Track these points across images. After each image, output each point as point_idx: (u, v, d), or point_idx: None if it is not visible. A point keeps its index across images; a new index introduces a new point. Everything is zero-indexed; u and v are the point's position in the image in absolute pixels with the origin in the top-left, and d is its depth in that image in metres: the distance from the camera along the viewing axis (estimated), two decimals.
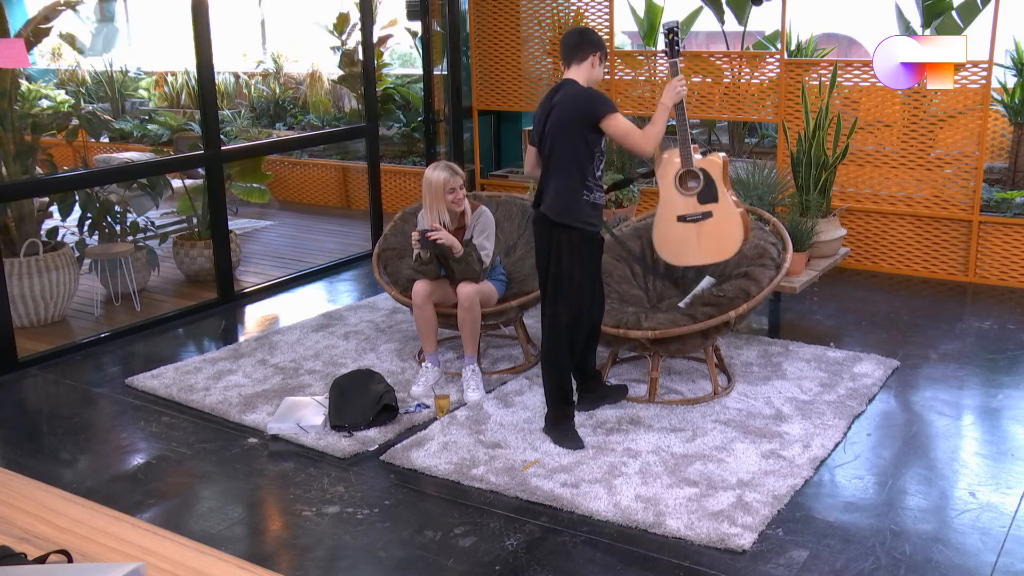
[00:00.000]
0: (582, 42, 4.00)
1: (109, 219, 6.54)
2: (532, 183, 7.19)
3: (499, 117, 8.42)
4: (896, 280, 6.52)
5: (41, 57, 12.31)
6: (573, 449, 4.03)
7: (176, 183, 7.67)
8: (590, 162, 3.92)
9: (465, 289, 4.52)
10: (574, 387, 4.30)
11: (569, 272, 3.99)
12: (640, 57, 7.56)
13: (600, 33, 7.42)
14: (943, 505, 3.62)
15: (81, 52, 11.40)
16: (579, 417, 4.32)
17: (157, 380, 4.91)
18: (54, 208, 6.50)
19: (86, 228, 6.46)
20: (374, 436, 4.20)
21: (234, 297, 6.33)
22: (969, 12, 6.82)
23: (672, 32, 4.05)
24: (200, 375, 4.96)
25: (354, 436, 4.19)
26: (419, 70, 9.08)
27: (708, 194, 3.93)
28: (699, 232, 4.00)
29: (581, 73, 4.00)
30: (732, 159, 7.24)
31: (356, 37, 9.32)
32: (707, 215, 3.99)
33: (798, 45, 7.48)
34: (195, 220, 7.01)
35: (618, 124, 3.84)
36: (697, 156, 4.07)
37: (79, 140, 9.29)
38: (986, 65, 6.07)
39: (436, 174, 4.56)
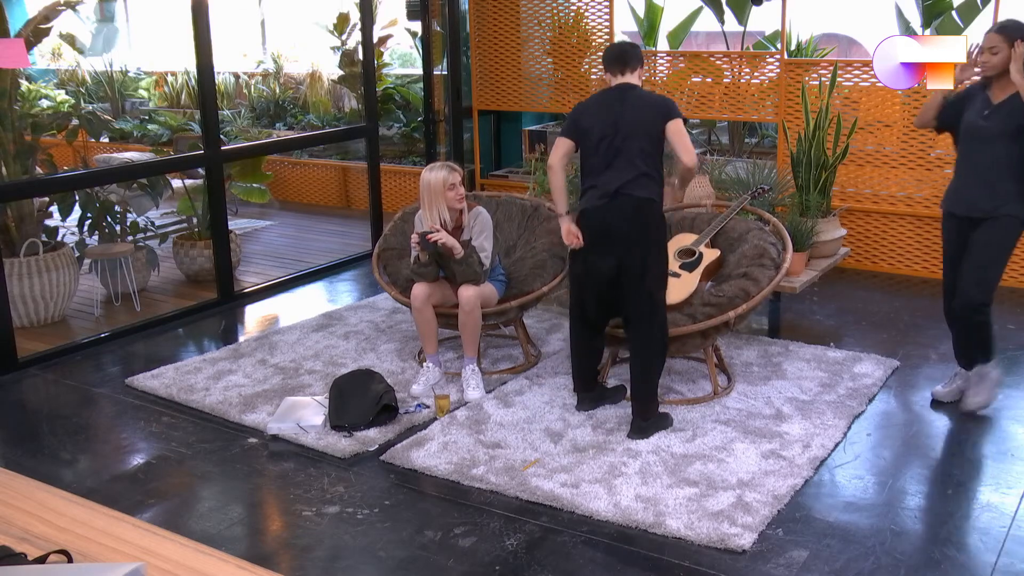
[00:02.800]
0: (636, 54, 4.21)
1: (109, 219, 6.54)
2: (533, 183, 7.20)
3: (499, 117, 8.42)
4: (896, 280, 6.52)
5: (41, 57, 12.31)
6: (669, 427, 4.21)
7: (176, 183, 7.67)
8: (661, 156, 4.18)
9: (466, 292, 4.52)
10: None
11: (660, 253, 4.16)
12: None
13: (600, 33, 7.42)
14: (943, 505, 3.62)
15: (81, 52, 11.40)
16: (579, 417, 4.33)
17: (157, 380, 4.91)
18: (54, 208, 6.49)
19: (86, 228, 6.45)
20: (374, 436, 4.20)
21: (234, 297, 6.33)
22: (969, 12, 6.82)
23: (763, 190, 5.41)
24: (200, 375, 4.96)
25: (354, 436, 4.19)
26: (419, 70, 9.08)
27: (689, 266, 4.70)
28: None
29: (635, 80, 4.21)
30: (731, 159, 7.26)
31: (356, 37, 9.32)
32: (676, 275, 4.63)
33: (798, 45, 7.48)
34: (195, 220, 7.00)
35: (681, 127, 4.10)
36: (703, 248, 4.84)
37: (79, 140, 9.29)
38: None
39: (434, 174, 4.57)
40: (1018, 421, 4.33)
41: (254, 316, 6.14)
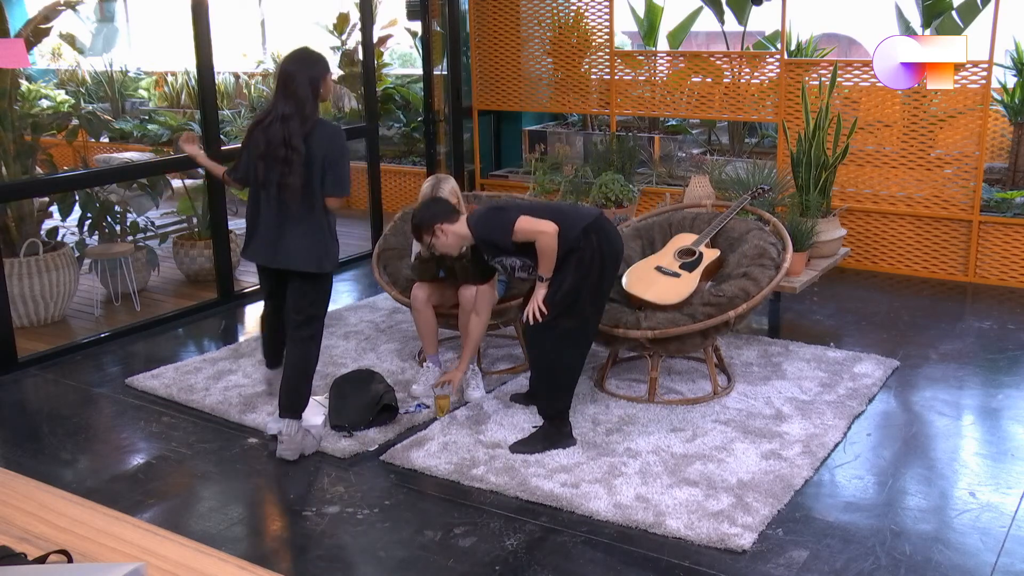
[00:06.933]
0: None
1: (109, 219, 6.54)
2: (533, 183, 7.20)
3: (499, 117, 8.41)
4: (896, 280, 6.52)
5: (41, 57, 12.30)
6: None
7: (176, 183, 7.67)
8: None
9: (466, 292, 4.52)
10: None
11: None
12: (640, 57, 7.56)
13: (600, 33, 7.42)
14: (943, 505, 3.62)
15: (81, 52, 11.39)
16: (577, 418, 4.32)
17: (157, 380, 4.91)
18: (54, 208, 6.50)
19: (86, 228, 6.46)
20: (374, 436, 4.20)
21: (234, 297, 6.33)
22: (969, 12, 6.82)
23: (763, 190, 5.32)
24: (200, 375, 4.96)
25: (354, 436, 4.19)
26: (419, 70, 9.07)
27: (690, 266, 4.69)
28: (660, 279, 4.64)
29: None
30: (731, 159, 7.26)
31: (356, 37, 9.32)
32: (676, 275, 4.65)
33: (798, 45, 7.47)
34: (195, 220, 7.00)
35: None
36: (703, 248, 4.84)
37: (79, 140, 9.29)
38: (986, 65, 6.07)
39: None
40: (1018, 421, 4.33)
41: (254, 316, 6.14)
